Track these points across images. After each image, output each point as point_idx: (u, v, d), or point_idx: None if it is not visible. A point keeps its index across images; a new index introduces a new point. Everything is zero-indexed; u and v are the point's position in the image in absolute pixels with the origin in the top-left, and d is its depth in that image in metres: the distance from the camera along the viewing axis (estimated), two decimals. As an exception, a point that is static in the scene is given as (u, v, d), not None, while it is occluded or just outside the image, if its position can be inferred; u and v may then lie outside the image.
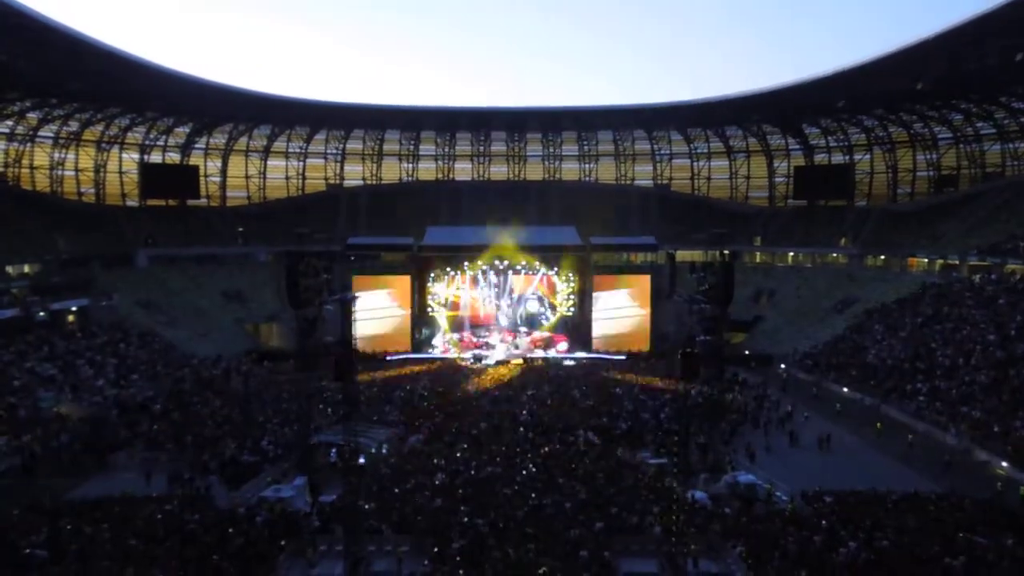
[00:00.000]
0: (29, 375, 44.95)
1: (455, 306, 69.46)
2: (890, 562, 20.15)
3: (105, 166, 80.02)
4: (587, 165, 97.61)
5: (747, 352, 65.27)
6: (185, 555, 20.95)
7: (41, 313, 54.05)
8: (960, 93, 65.32)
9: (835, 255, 78.75)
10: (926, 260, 67.09)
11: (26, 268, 59.24)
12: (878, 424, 41.03)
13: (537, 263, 68.64)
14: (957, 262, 62.03)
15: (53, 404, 41.98)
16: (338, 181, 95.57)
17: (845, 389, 50.19)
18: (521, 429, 38.70)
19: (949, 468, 33.55)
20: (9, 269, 57.13)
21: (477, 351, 65.27)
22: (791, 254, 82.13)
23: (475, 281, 69.39)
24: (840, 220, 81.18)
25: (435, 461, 32.40)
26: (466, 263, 68.52)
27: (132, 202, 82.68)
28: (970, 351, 45.84)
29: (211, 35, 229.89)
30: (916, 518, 24.56)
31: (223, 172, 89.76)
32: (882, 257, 73.51)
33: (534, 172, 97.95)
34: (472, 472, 30.38)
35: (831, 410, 45.07)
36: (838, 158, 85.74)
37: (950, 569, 19.58)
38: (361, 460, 32.69)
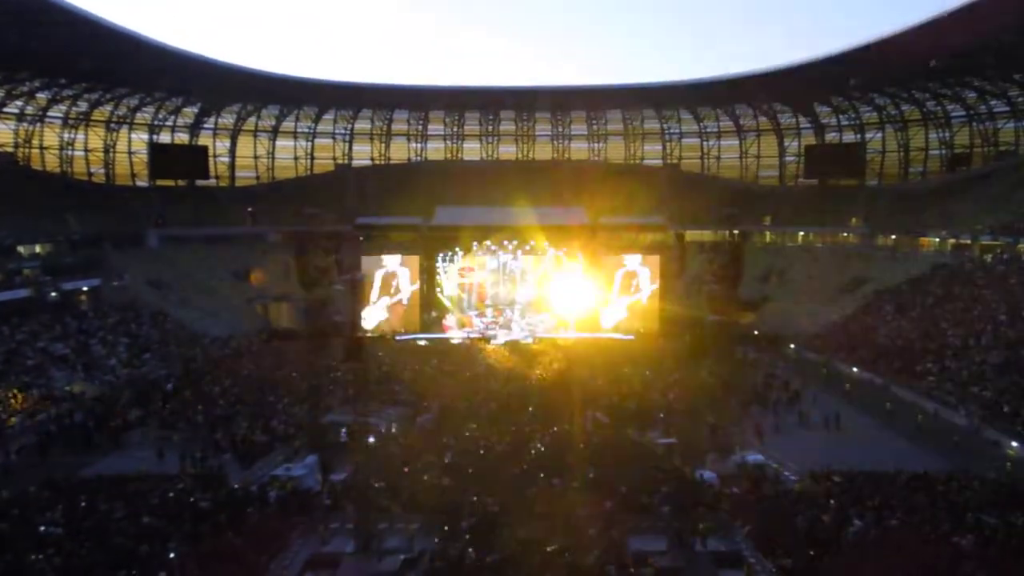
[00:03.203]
0: (42, 354, 45.34)
1: (464, 287, 69.43)
2: (899, 541, 20.20)
3: (114, 146, 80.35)
4: (596, 144, 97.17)
5: (756, 332, 65.12)
6: (198, 532, 21.18)
7: (53, 293, 54.44)
8: (974, 70, 64.60)
9: (845, 235, 78.46)
10: (937, 240, 66.70)
11: (37, 248, 59.60)
12: (888, 404, 40.95)
13: (546, 243, 68.46)
14: (969, 242, 61.63)
15: (66, 383, 42.38)
16: (346, 161, 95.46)
17: (855, 369, 50.07)
18: (530, 409, 38.79)
19: (959, 448, 33.57)
20: (21, 249, 57.53)
21: (486, 331, 65.33)
22: (801, 234, 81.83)
23: (484, 261, 69.32)
24: (851, 199, 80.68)
25: (444, 440, 32.55)
26: (475, 243, 68.40)
27: (142, 182, 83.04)
28: (981, 331, 45.69)
29: (219, 14, 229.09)
30: (925, 497, 24.60)
31: (232, 152, 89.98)
32: (893, 237, 73.07)
33: (543, 152, 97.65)
34: (481, 451, 30.51)
35: (840, 390, 45.04)
36: (849, 137, 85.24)
37: (959, 548, 19.63)
38: (371, 439, 32.98)
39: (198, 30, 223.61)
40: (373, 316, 66.23)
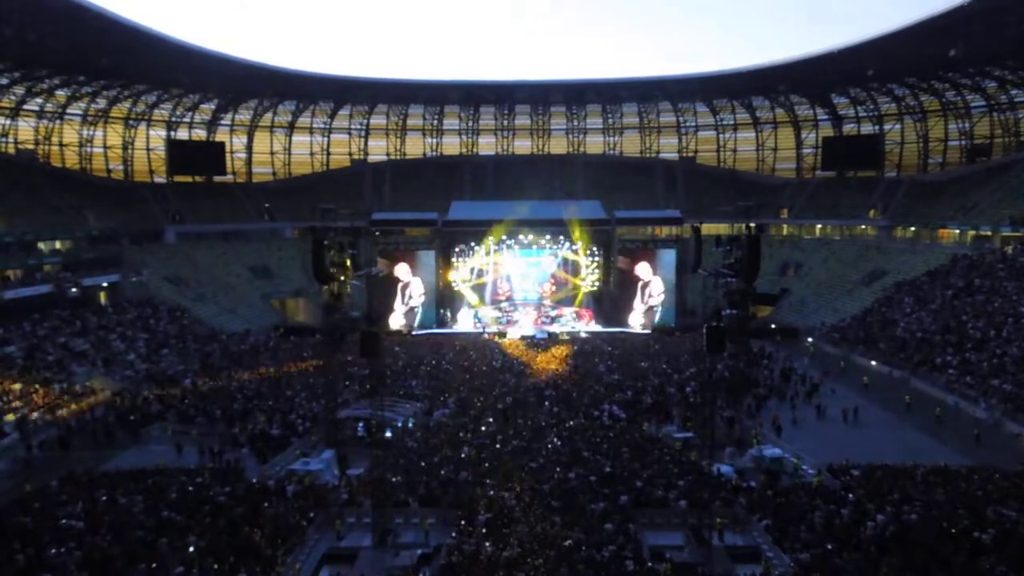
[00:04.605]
0: (62, 350, 45.81)
1: (479, 282, 69.49)
2: (918, 536, 20.03)
3: (133, 143, 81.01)
4: (611, 138, 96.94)
5: (773, 325, 64.85)
6: (216, 526, 21.34)
7: (73, 289, 54.99)
8: (994, 60, 63.82)
9: (864, 227, 77.81)
10: (957, 231, 66.01)
11: (57, 244, 60.10)
12: (907, 397, 40.62)
13: (561, 237, 68.41)
14: (989, 233, 60.95)
15: (86, 378, 42.78)
16: (362, 156, 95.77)
17: (873, 362, 49.74)
18: (546, 403, 38.81)
19: (979, 441, 33.28)
20: (41, 246, 58.04)
21: (502, 325, 65.40)
22: (819, 226, 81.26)
23: (499, 255, 69.32)
24: (869, 191, 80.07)
25: (461, 435, 32.61)
26: (490, 238, 68.43)
27: (160, 179, 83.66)
28: (1001, 323, 45.21)
29: (235, 11, 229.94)
30: (945, 491, 24.39)
31: (248, 148, 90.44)
32: (912, 229, 72.44)
33: (558, 146, 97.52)
34: (498, 446, 30.56)
35: (859, 383, 44.71)
36: (867, 128, 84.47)
37: (979, 543, 19.44)
38: (388, 434, 33.06)
39: (214, 27, 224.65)
40: (394, 321, 66.84)
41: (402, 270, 68.15)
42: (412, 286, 68.33)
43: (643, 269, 68.30)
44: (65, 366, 43.61)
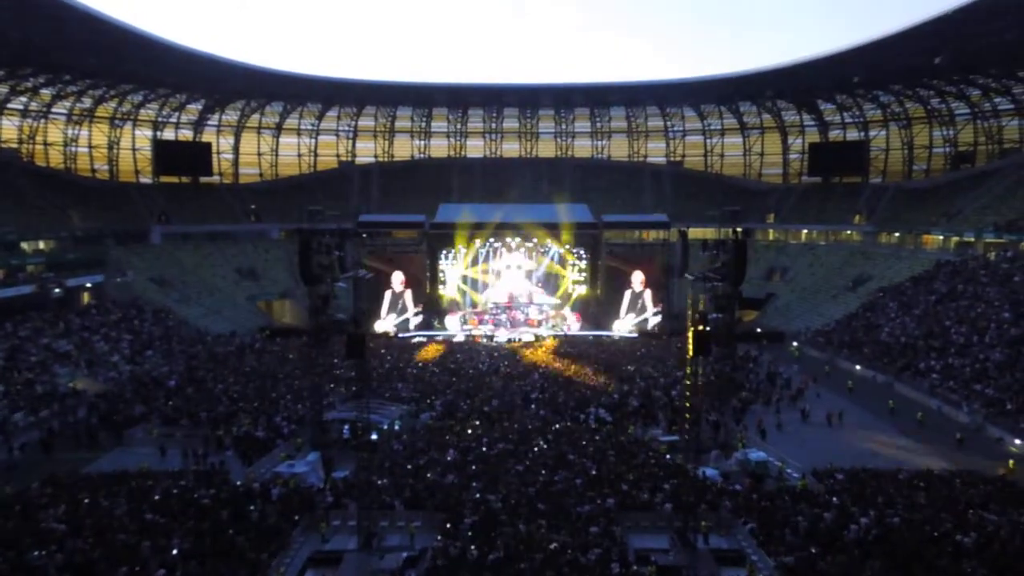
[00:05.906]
0: (45, 351, 45.39)
1: (466, 284, 69.39)
2: (901, 539, 20.18)
3: (118, 143, 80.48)
4: (599, 142, 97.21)
5: (759, 329, 65.13)
6: (200, 529, 21.21)
7: (56, 289, 54.53)
8: (979, 68, 64.47)
9: (849, 232, 78.41)
10: (941, 237, 66.58)
11: (41, 245, 59.58)
12: (891, 402, 40.88)
13: (549, 240, 68.42)
14: (973, 239, 61.51)
15: (69, 380, 42.44)
16: (350, 158, 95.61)
17: (858, 367, 50.06)
18: (532, 406, 38.80)
19: (961, 445, 33.54)
20: (24, 246, 57.50)
21: (488, 328, 65.26)
22: (804, 231, 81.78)
23: (487, 259, 69.26)
24: (855, 197, 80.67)
25: (447, 438, 32.58)
26: (478, 241, 68.34)
27: (145, 179, 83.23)
28: (984, 328, 45.61)
29: (224, 11, 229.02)
30: (928, 495, 24.58)
31: (235, 149, 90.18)
32: (896, 234, 72.99)
33: (546, 149, 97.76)
34: (484, 449, 30.55)
35: (843, 387, 44.98)
36: (853, 134, 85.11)
37: (961, 546, 19.60)
38: (373, 436, 32.97)
39: (215, 27, 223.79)
40: (382, 327, 65.99)
41: (396, 279, 67.52)
42: (406, 297, 67.72)
43: (637, 278, 67.41)
44: (48, 367, 43.22)
